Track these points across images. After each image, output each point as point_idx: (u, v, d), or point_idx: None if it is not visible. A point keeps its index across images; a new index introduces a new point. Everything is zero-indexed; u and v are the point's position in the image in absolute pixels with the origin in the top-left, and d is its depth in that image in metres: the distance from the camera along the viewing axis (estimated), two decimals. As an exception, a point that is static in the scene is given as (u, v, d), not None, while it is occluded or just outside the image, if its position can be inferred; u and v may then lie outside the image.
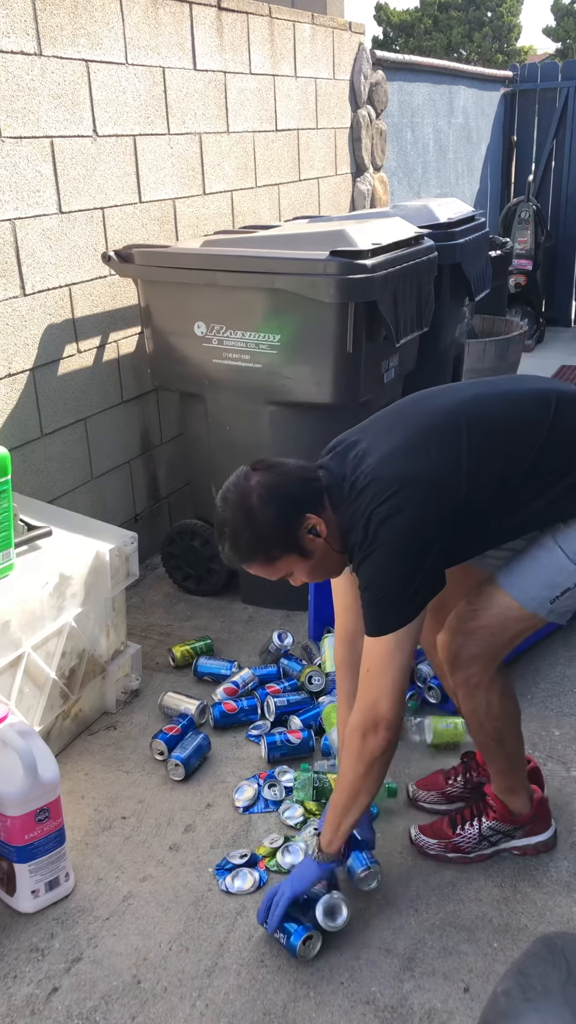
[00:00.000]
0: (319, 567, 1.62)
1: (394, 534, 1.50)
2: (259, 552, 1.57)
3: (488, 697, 1.70)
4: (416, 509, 1.51)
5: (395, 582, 1.51)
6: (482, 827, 1.85)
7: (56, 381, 2.71)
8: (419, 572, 1.51)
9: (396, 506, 1.50)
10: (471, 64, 8.22)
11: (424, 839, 1.88)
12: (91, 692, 2.32)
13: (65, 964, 1.64)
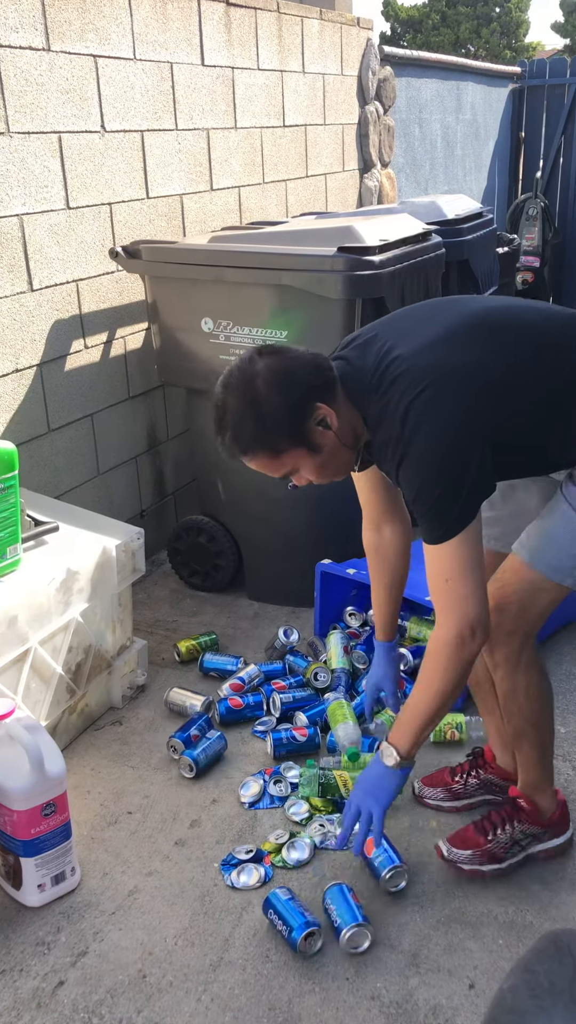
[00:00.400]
0: (327, 465, 1.52)
1: (438, 426, 1.39)
2: (263, 443, 1.45)
3: (528, 676, 1.68)
4: (460, 400, 1.41)
5: (447, 480, 1.41)
6: (515, 831, 1.79)
7: (63, 377, 2.71)
8: (470, 467, 1.41)
9: (437, 397, 1.40)
10: (479, 60, 8.19)
11: (457, 852, 1.80)
12: (97, 687, 2.32)
13: (71, 958, 1.65)
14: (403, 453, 1.43)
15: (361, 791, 1.64)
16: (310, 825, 1.95)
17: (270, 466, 1.49)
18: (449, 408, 1.41)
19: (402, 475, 1.47)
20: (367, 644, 2.51)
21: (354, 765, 2.05)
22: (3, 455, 1.95)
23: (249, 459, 1.48)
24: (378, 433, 1.48)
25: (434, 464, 1.42)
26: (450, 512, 1.42)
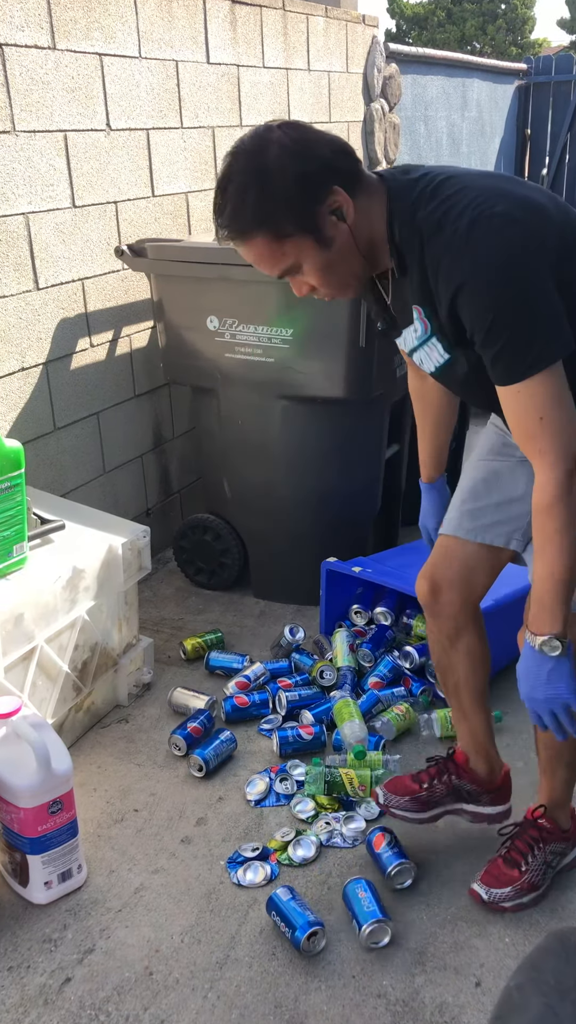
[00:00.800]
0: (334, 267, 1.32)
1: (518, 242, 1.22)
2: (266, 221, 1.25)
3: None
4: (523, 218, 1.24)
5: (528, 300, 1.23)
6: (546, 853, 1.75)
7: (69, 375, 2.72)
8: (549, 291, 1.24)
9: (509, 213, 1.23)
10: (485, 57, 8.18)
11: (497, 892, 1.71)
12: (103, 685, 2.32)
13: (78, 955, 1.65)
14: (470, 272, 1.24)
15: (543, 698, 1.39)
16: (316, 823, 1.95)
17: (270, 256, 1.29)
18: (521, 228, 1.24)
19: (467, 301, 1.26)
20: (373, 642, 2.51)
21: (360, 763, 2.05)
22: (9, 453, 1.95)
23: (248, 245, 1.28)
24: (427, 247, 1.28)
25: (514, 282, 1.23)
26: (535, 338, 1.24)
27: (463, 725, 1.84)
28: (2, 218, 2.37)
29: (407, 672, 2.43)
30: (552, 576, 1.34)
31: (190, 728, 2.19)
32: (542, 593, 1.36)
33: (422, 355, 1.46)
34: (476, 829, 1.92)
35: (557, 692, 1.38)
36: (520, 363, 1.26)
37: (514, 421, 1.32)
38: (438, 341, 1.40)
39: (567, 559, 1.33)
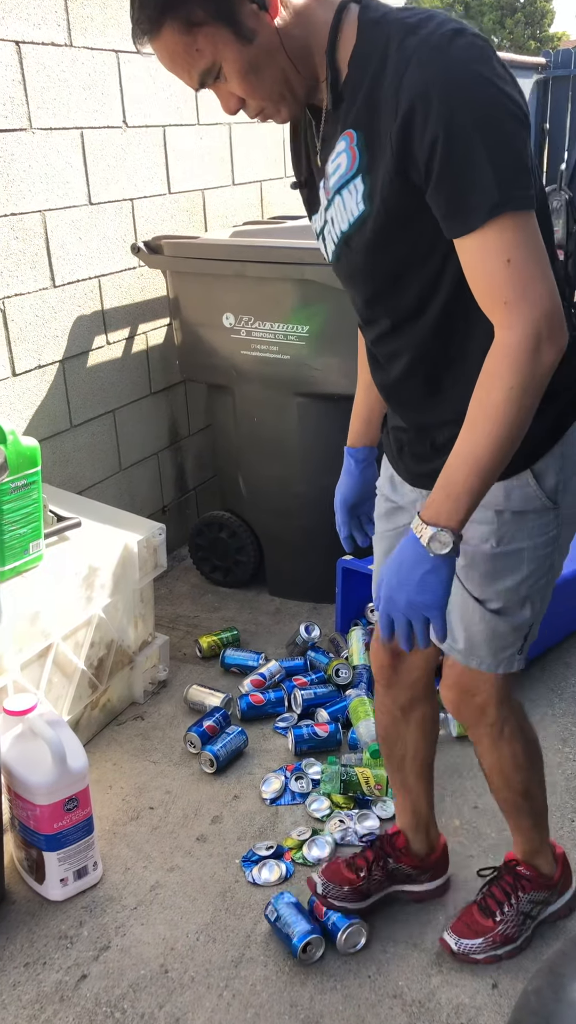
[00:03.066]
0: (260, 71, 1.10)
1: (483, 55, 1.04)
2: (173, 4, 1.05)
3: (513, 747, 1.48)
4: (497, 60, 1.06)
5: (497, 116, 1.02)
6: (522, 902, 1.62)
7: (85, 373, 2.72)
8: (520, 126, 1.04)
9: (460, 31, 1.04)
10: (503, 51, 8.11)
11: (467, 943, 1.60)
12: (119, 682, 2.33)
13: (93, 952, 1.65)
14: (446, 77, 1.02)
15: (406, 602, 1.17)
16: (331, 821, 1.94)
17: (183, 53, 1.09)
18: (481, 43, 1.05)
19: (436, 112, 1.02)
20: (389, 640, 2.49)
21: (376, 762, 2.04)
22: (26, 452, 1.96)
23: (158, 41, 1.09)
24: (392, 50, 1.06)
25: (497, 103, 1.02)
26: (509, 174, 1.03)
27: (405, 801, 1.71)
28: (19, 216, 2.38)
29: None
30: (474, 457, 1.10)
31: (206, 726, 2.19)
32: (454, 475, 1.12)
33: (335, 213, 1.20)
34: (490, 830, 1.91)
35: (424, 600, 1.15)
36: (487, 197, 1.03)
37: (476, 273, 1.08)
38: (361, 182, 1.13)
39: (501, 441, 1.09)
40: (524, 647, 1.39)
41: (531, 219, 1.05)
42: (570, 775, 2.07)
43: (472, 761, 2.11)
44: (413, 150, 1.05)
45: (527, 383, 1.07)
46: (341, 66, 1.12)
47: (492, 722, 1.45)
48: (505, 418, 1.08)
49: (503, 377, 1.07)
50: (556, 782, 2.04)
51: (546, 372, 1.07)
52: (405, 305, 1.22)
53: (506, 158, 1.03)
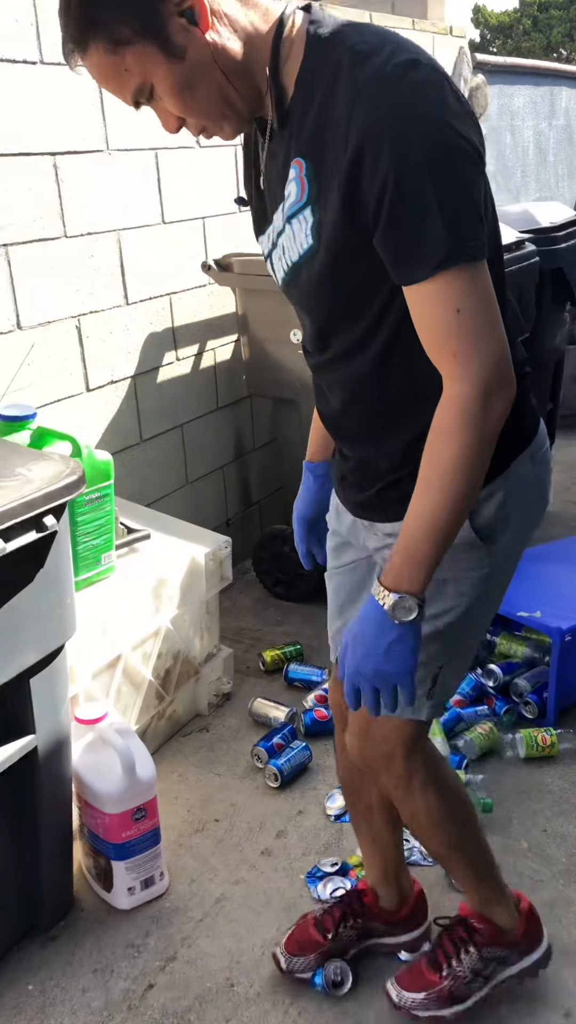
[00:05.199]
0: (194, 89, 1.03)
1: (440, 89, 0.98)
2: (96, 22, 0.97)
3: (426, 799, 1.37)
4: (450, 91, 1.00)
5: (447, 163, 0.96)
6: (474, 958, 1.48)
7: (155, 388, 2.77)
8: (472, 168, 0.99)
9: (415, 63, 0.97)
10: (573, 64, 8.04)
11: (408, 996, 1.49)
12: (185, 694, 2.35)
13: (160, 962, 1.67)
14: (398, 115, 0.95)
15: (372, 671, 1.11)
16: (397, 841, 1.92)
17: (112, 72, 1.02)
18: (431, 76, 0.99)
19: (387, 153, 0.96)
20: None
21: (442, 782, 2.01)
22: (100, 465, 2.00)
23: (86, 58, 1.02)
24: (342, 76, 0.99)
25: (451, 146, 0.97)
26: (462, 221, 0.98)
27: (374, 852, 1.61)
28: (95, 235, 2.44)
29: (490, 691, 2.38)
30: (433, 519, 1.06)
31: (274, 742, 2.19)
32: (413, 539, 1.07)
33: (286, 241, 1.14)
34: (560, 854, 1.87)
35: (393, 670, 1.10)
36: (438, 248, 0.98)
37: (425, 322, 1.04)
38: (311, 214, 1.07)
39: (457, 500, 1.05)
40: (434, 692, 1.28)
41: (482, 268, 1.01)
42: None
43: (541, 782, 2.08)
44: (362, 192, 0.99)
45: (479, 438, 1.03)
46: (286, 83, 1.05)
47: (400, 773, 1.35)
48: (460, 476, 1.04)
49: (454, 434, 1.03)
50: (629, 808, 1.99)
51: (497, 423, 1.04)
52: (351, 337, 1.17)
53: (458, 205, 0.98)
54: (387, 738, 1.33)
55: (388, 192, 0.97)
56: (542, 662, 2.41)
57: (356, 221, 1.02)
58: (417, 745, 1.34)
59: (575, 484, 3.87)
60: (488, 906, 1.50)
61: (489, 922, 1.49)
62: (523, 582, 2.58)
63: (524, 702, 2.32)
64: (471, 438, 1.03)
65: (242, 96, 1.06)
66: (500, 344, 1.02)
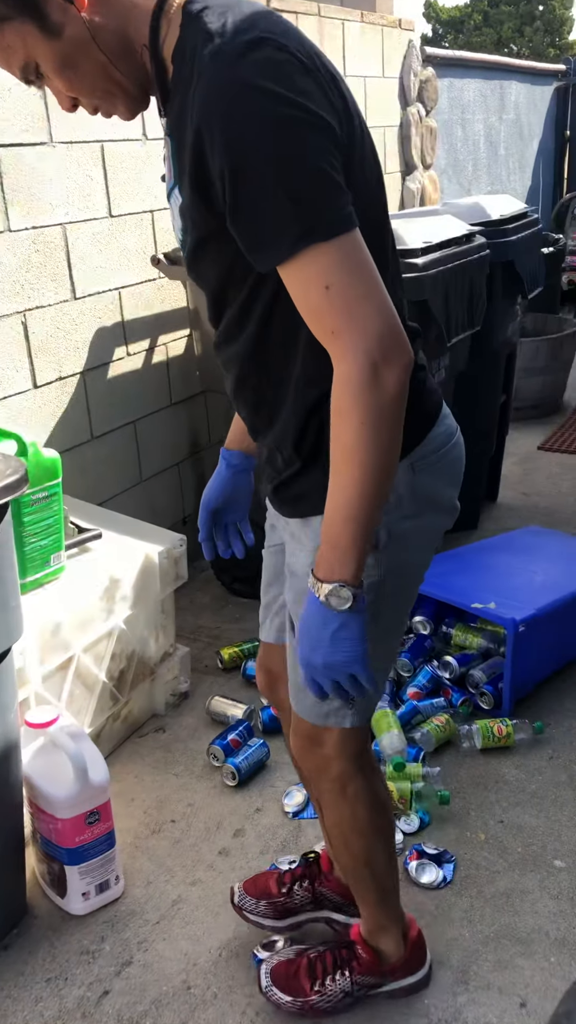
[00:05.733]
0: (76, 67, 1.04)
1: (279, 65, 0.95)
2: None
3: (355, 808, 1.37)
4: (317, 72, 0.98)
5: (294, 134, 0.94)
6: (345, 983, 1.49)
7: (105, 384, 2.73)
8: (322, 138, 0.96)
9: (257, 41, 0.95)
10: (523, 59, 8.11)
11: (276, 993, 1.51)
12: (140, 694, 2.32)
13: (115, 967, 1.64)
14: (233, 95, 0.94)
15: (323, 664, 1.11)
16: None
17: (6, 36, 1.03)
18: (313, 78, 0.97)
19: (220, 137, 0.95)
20: (411, 652, 2.47)
21: (399, 775, 2.01)
22: (46, 463, 1.96)
23: None
24: (194, 58, 0.98)
25: (289, 123, 0.94)
26: (303, 195, 0.95)
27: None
28: (40, 229, 2.39)
29: (447, 683, 2.39)
30: (346, 504, 1.04)
31: (230, 739, 2.17)
32: (333, 527, 1.06)
33: (171, 220, 1.16)
34: (517, 844, 1.88)
35: (342, 659, 1.09)
36: (288, 230, 0.95)
37: (300, 304, 1.01)
38: (179, 194, 1.08)
39: (366, 482, 1.02)
40: (352, 701, 1.21)
41: (347, 239, 0.97)
42: (598, 789, 2.03)
43: (497, 773, 2.09)
44: (209, 176, 0.98)
45: (375, 414, 0.99)
46: (167, 60, 1.04)
47: (335, 777, 1.34)
48: (363, 457, 1.01)
49: (348, 414, 1.00)
50: (583, 796, 2.01)
51: (394, 396, 1.00)
52: (232, 317, 1.15)
53: (304, 183, 0.94)
54: (324, 742, 1.32)
55: (227, 177, 0.95)
56: (497, 653, 2.43)
57: (211, 205, 1.01)
58: (353, 753, 1.33)
59: (528, 475, 3.91)
60: (378, 933, 1.50)
61: (373, 952, 1.50)
62: (478, 574, 2.61)
63: (480, 693, 2.33)
64: (366, 415, 0.99)
65: (126, 74, 1.06)
66: (380, 313, 0.98)
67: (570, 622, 2.43)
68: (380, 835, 1.42)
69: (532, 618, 2.27)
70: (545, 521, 3.40)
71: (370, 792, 1.37)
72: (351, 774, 1.33)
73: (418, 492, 1.20)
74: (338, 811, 1.38)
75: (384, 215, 1.13)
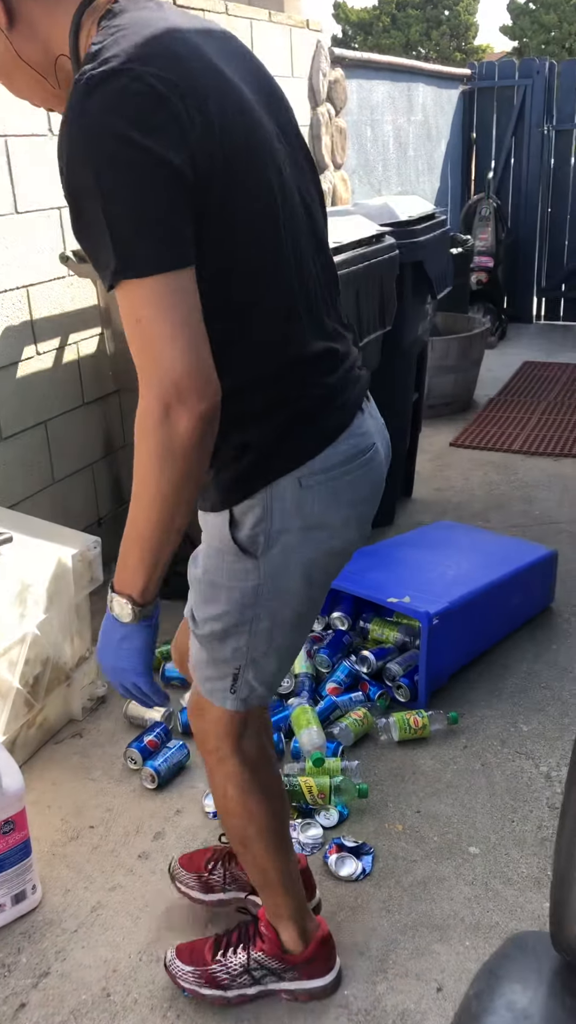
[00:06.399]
0: (9, 76, 1.16)
1: (100, 95, 0.96)
2: None
3: (225, 787, 1.39)
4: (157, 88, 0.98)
5: (111, 180, 0.96)
6: (249, 958, 1.51)
7: (15, 384, 2.66)
8: (151, 169, 0.97)
9: (113, 73, 0.97)
10: (430, 62, 8.26)
11: (178, 965, 1.54)
12: (56, 700, 2.28)
13: (32, 979, 1.61)
14: (66, 140, 0.99)
15: (110, 667, 1.21)
16: (275, 833, 1.92)
17: None
18: (145, 100, 0.97)
19: (60, 166, 1.00)
20: (330, 648, 2.50)
21: (319, 771, 2.03)
22: (-48, 466, 1.91)
23: None
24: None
25: (102, 148, 0.96)
26: (122, 232, 0.98)
27: None
28: None
29: (364, 677, 2.42)
30: (135, 526, 1.10)
31: (147, 741, 2.15)
32: (125, 544, 1.12)
33: None
34: (433, 833, 1.93)
35: (123, 666, 1.19)
36: (109, 263, 0.99)
37: (124, 328, 1.05)
38: None
39: (153, 510, 1.07)
40: (236, 688, 1.30)
41: (163, 279, 0.98)
42: (509, 775, 2.09)
43: (414, 764, 2.13)
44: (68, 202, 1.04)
45: (163, 450, 1.02)
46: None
47: (210, 750, 1.39)
48: (149, 486, 1.05)
49: (140, 444, 1.04)
50: (496, 783, 2.07)
51: (186, 438, 1.01)
52: None
53: (123, 221, 0.97)
54: (205, 716, 1.37)
55: (69, 205, 1.02)
56: (413, 646, 2.47)
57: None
58: (229, 734, 1.36)
59: (440, 472, 3.99)
60: (276, 919, 1.51)
61: (274, 933, 1.51)
62: (392, 568, 2.65)
63: (396, 686, 2.37)
64: (152, 449, 1.03)
65: (60, 82, 1.12)
66: (184, 357, 0.99)
67: (481, 614, 2.50)
68: (253, 822, 1.42)
69: (445, 611, 2.33)
70: (457, 515, 3.49)
71: (244, 777, 1.38)
72: (225, 754, 1.37)
73: (304, 508, 1.20)
74: (213, 783, 1.42)
75: (273, 243, 1.12)
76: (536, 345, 6.31)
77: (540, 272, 6.96)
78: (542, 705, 2.35)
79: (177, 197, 1.00)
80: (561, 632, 2.68)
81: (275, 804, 1.44)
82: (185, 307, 1.00)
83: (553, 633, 2.68)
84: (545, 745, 2.19)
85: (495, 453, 4.22)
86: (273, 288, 1.13)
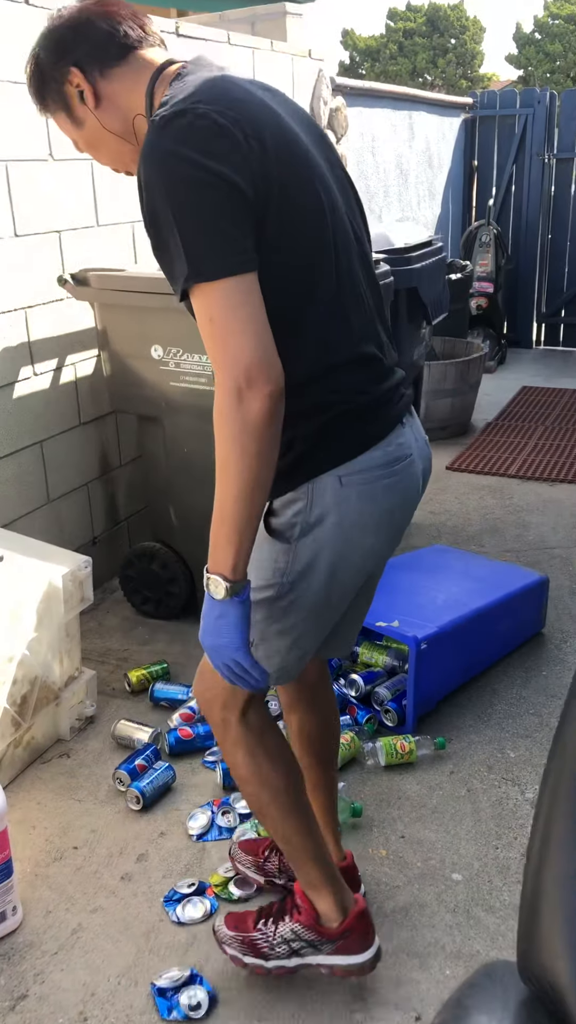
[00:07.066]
0: (98, 148, 1.38)
1: (171, 130, 1.15)
2: (32, 88, 1.37)
3: (235, 754, 1.45)
4: (217, 118, 1.15)
5: (188, 192, 1.13)
6: (284, 928, 1.56)
7: (11, 404, 2.69)
8: (205, 189, 1.13)
9: (181, 112, 1.15)
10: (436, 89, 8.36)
11: (223, 931, 1.62)
12: (44, 719, 2.28)
13: (10, 1002, 1.60)
14: (141, 166, 1.17)
15: (210, 645, 1.28)
16: (259, 856, 1.92)
17: (60, 125, 1.40)
18: (207, 127, 1.15)
19: (138, 186, 1.19)
20: (319, 670, 2.50)
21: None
22: (-56, 485, 1.92)
23: (45, 113, 1.40)
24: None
25: (172, 171, 1.14)
26: (192, 244, 1.13)
27: (313, 799, 1.67)
28: None
29: (352, 700, 2.42)
30: (221, 507, 1.20)
31: (136, 764, 2.15)
32: (214, 525, 1.22)
33: None
34: (416, 859, 1.92)
35: (222, 643, 1.25)
36: (181, 271, 1.15)
37: (199, 330, 1.18)
38: None
39: (236, 491, 1.17)
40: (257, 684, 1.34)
41: (233, 282, 1.14)
42: (495, 802, 2.09)
43: (399, 789, 2.13)
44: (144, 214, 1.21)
45: (240, 433, 1.14)
46: None
47: (217, 722, 1.46)
48: (232, 468, 1.17)
49: (219, 430, 1.16)
50: (481, 809, 2.06)
51: (259, 419, 1.14)
52: None
53: (194, 233, 1.14)
54: (211, 686, 1.42)
55: (148, 231, 1.19)
56: (402, 670, 2.47)
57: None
58: (236, 703, 1.42)
59: (437, 495, 4.01)
60: (310, 890, 1.56)
61: (309, 903, 1.55)
62: (384, 592, 2.64)
63: (384, 710, 2.37)
64: (229, 433, 1.15)
65: (139, 140, 1.31)
66: (251, 347, 1.13)
67: (471, 639, 2.50)
68: (266, 786, 1.47)
69: (434, 636, 2.33)
70: (451, 539, 3.50)
71: (252, 743, 1.44)
72: (231, 722, 1.43)
73: (342, 505, 1.30)
74: (226, 753, 1.49)
75: (320, 251, 1.26)
76: (535, 370, 6.34)
77: (540, 298, 7.01)
78: (530, 731, 2.35)
79: (239, 212, 1.16)
80: (551, 658, 2.68)
81: (285, 767, 1.49)
82: (250, 305, 1.15)
83: (543, 659, 2.68)
84: (532, 772, 2.19)
85: (491, 477, 4.24)
86: (325, 295, 1.27)
